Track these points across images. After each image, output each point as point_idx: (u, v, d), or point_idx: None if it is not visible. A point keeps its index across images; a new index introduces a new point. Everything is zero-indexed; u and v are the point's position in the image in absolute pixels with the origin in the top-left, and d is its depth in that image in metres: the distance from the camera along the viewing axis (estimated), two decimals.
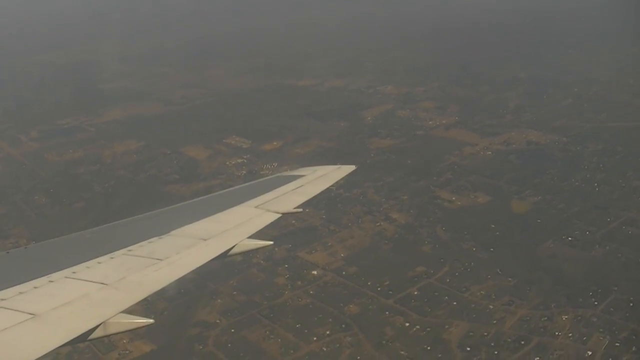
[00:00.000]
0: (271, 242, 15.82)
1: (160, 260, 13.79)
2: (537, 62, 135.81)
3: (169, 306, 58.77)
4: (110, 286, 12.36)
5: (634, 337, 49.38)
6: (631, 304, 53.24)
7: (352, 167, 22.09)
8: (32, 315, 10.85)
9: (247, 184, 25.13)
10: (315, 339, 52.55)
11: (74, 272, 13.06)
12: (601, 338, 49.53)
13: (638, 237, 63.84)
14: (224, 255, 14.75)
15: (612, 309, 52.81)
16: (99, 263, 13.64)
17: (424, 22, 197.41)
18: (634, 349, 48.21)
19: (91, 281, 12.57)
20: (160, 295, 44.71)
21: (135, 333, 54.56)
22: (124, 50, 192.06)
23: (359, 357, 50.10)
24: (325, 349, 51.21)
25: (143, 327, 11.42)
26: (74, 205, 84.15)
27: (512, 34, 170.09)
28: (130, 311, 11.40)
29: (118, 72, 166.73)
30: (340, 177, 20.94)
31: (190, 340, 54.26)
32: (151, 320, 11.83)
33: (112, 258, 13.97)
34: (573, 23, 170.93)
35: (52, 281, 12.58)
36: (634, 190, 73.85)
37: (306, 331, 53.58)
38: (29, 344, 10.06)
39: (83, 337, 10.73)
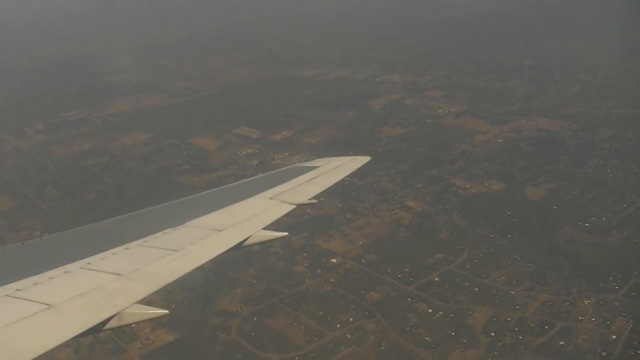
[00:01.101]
0: (286, 234, 15.90)
1: (175, 251, 13.83)
2: (541, 50, 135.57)
3: (189, 296, 58.96)
4: (125, 277, 12.44)
5: None
6: None
7: (367, 158, 22.13)
8: (47, 306, 10.91)
9: (261, 175, 25.22)
10: (338, 326, 52.67)
11: (89, 263, 13.14)
12: (624, 322, 49.66)
13: None
14: (239, 246, 14.85)
15: (633, 293, 52.99)
16: (114, 254, 13.72)
17: (422, 11, 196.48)
18: None
19: (106, 272, 12.66)
20: (180, 285, 44.92)
21: (157, 322, 54.94)
22: (125, 43, 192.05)
23: (384, 344, 50.31)
24: (349, 336, 51.37)
25: (163, 317, 11.55)
26: (85, 197, 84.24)
27: (514, 21, 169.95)
28: (147, 301, 11.49)
29: (120, 65, 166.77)
30: (355, 168, 20.95)
31: (213, 329, 54.36)
32: (166, 311, 11.91)
33: (127, 249, 14.05)
34: (575, 10, 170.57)
35: (67, 272, 12.66)
36: None
37: (329, 318, 53.73)
38: (45, 334, 10.13)
39: (98, 328, 10.84)
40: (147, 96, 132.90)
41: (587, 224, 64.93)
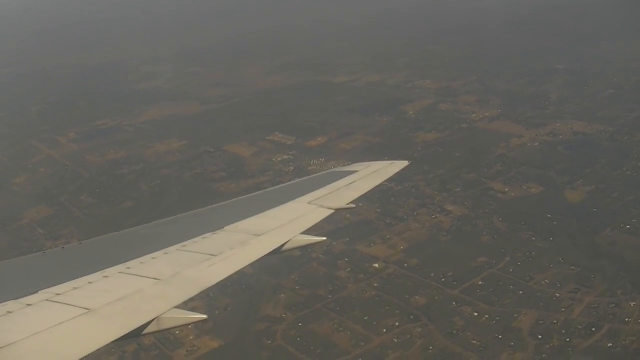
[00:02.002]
0: (324, 238, 15.68)
1: (214, 255, 13.86)
2: (572, 54, 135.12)
3: (232, 302, 59.18)
4: (164, 282, 12.51)
5: None
6: None
7: (405, 163, 21.75)
8: (86, 310, 11.02)
9: (299, 180, 25.20)
10: (385, 330, 52.81)
11: (128, 268, 13.26)
12: None
13: None
14: (278, 251, 14.83)
15: None
16: (153, 259, 13.82)
17: (451, 16, 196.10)
18: None
19: (145, 277, 12.76)
20: (222, 291, 45.25)
21: (201, 329, 55.35)
22: (153, 51, 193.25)
23: (431, 347, 50.42)
24: (396, 340, 51.53)
25: (207, 323, 11.55)
26: (122, 205, 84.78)
27: (543, 26, 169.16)
28: (187, 307, 11.54)
29: (149, 72, 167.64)
30: (393, 173, 20.64)
31: (258, 335, 54.50)
32: (204, 316, 12.10)
33: (166, 254, 14.12)
34: (605, 13, 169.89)
35: (106, 277, 12.80)
36: None
37: (375, 323, 53.86)
38: (84, 339, 10.25)
39: (137, 332, 10.93)
40: (179, 104, 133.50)
41: (628, 226, 64.84)
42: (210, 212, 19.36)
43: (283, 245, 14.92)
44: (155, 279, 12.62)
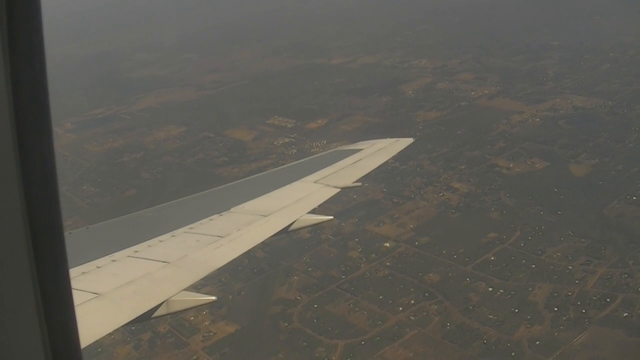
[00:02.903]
0: (331, 217, 16.04)
1: (222, 237, 13.93)
2: (566, 29, 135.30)
3: (245, 286, 59.39)
4: (172, 264, 12.55)
5: None
6: None
7: (410, 140, 21.95)
8: (96, 295, 11.03)
9: (305, 159, 25.30)
10: (401, 309, 53.20)
11: (136, 251, 13.30)
12: None
13: None
14: (285, 230, 14.96)
15: None
16: (161, 242, 13.85)
17: None
18: None
19: (153, 260, 12.82)
20: (234, 275, 45.39)
21: (216, 315, 55.59)
22: (145, 38, 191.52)
23: (448, 324, 50.86)
24: (413, 318, 51.93)
25: (216, 308, 11.64)
26: (125, 193, 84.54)
27: (536, 2, 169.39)
28: (199, 292, 11.68)
29: (142, 60, 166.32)
30: (399, 150, 20.76)
31: (273, 318, 54.72)
32: (213, 298, 12.41)
33: (173, 236, 14.15)
34: None
35: (114, 260, 12.81)
36: None
37: (390, 302, 54.25)
38: (94, 323, 10.25)
39: (147, 316, 11.05)
40: (174, 91, 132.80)
41: (634, 198, 65.44)
42: (216, 194, 19.65)
43: (290, 225, 15.06)
44: (163, 261, 12.70)
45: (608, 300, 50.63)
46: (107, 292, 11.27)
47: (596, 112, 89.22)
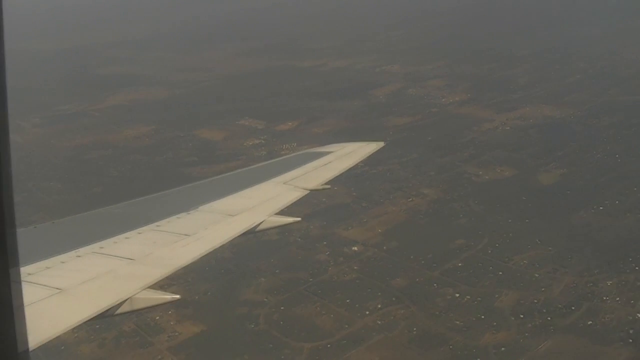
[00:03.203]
0: (299, 219, 16.22)
1: (188, 235, 14.09)
2: (537, 39, 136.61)
3: (212, 287, 58.89)
4: (137, 261, 12.75)
5: None
6: None
7: (380, 144, 22.76)
8: (58, 290, 11.11)
9: (274, 160, 25.48)
10: (367, 313, 52.87)
11: (101, 247, 13.39)
12: None
13: None
14: (252, 231, 15.20)
15: None
16: (127, 238, 14.02)
17: (416, 1, 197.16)
18: None
19: (118, 256, 12.94)
20: (200, 275, 45.30)
21: (182, 314, 55.21)
22: (116, 35, 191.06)
23: (415, 329, 50.67)
24: (380, 322, 51.70)
25: (182, 308, 11.73)
26: (93, 190, 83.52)
27: (508, 11, 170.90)
28: (164, 290, 11.66)
29: (111, 57, 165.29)
30: (369, 153, 21.16)
31: (240, 319, 54.15)
32: (177, 296, 12.59)
33: (139, 233, 14.30)
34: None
35: (79, 256, 12.91)
36: None
37: (357, 305, 53.96)
38: (56, 318, 10.35)
39: (110, 312, 11.10)
40: (144, 89, 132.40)
41: (601, 208, 65.79)
42: (184, 192, 19.95)
43: (257, 226, 15.18)
44: (128, 258, 12.90)
45: (573, 308, 50.84)
46: (70, 287, 11.33)
47: (566, 122, 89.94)
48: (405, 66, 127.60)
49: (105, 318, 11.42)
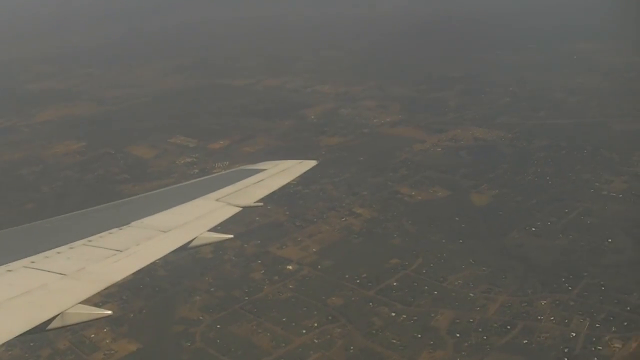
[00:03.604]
0: (231, 236, 15.95)
1: (120, 251, 13.96)
2: (467, 63, 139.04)
3: (147, 304, 58.67)
4: (69, 276, 12.46)
5: (611, 318, 51.64)
6: (603, 288, 55.63)
7: (313, 162, 22.35)
8: None
9: (207, 176, 25.37)
10: (304, 331, 53.01)
11: (32, 262, 13.15)
12: (581, 320, 51.63)
13: (597, 226, 66.42)
14: (185, 247, 14.99)
15: (586, 293, 55.07)
16: (58, 253, 13.76)
17: (347, 23, 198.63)
18: (613, 329, 50.33)
19: (50, 271, 12.68)
20: (135, 293, 44.85)
21: (117, 332, 54.77)
22: (44, 50, 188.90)
23: (352, 347, 50.91)
24: (316, 341, 51.82)
25: (117, 326, 11.62)
26: (24, 206, 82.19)
27: (438, 34, 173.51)
28: (96, 306, 11.57)
29: (40, 72, 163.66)
30: (302, 172, 21.13)
31: (176, 337, 53.91)
32: (109, 312, 12.27)
33: (71, 248, 14.08)
34: (493, 24, 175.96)
35: (10, 270, 12.66)
36: (584, 182, 76.53)
37: (293, 324, 54.03)
38: None
39: (41, 327, 10.83)
40: (74, 104, 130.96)
41: (533, 229, 67.06)
42: (116, 207, 19.57)
43: (190, 242, 15.12)
44: (60, 273, 12.57)
45: (509, 327, 51.59)
46: (1, 302, 11.11)
47: (496, 144, 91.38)
48: (336, 86, 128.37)
49: (37, 334, 11.08)
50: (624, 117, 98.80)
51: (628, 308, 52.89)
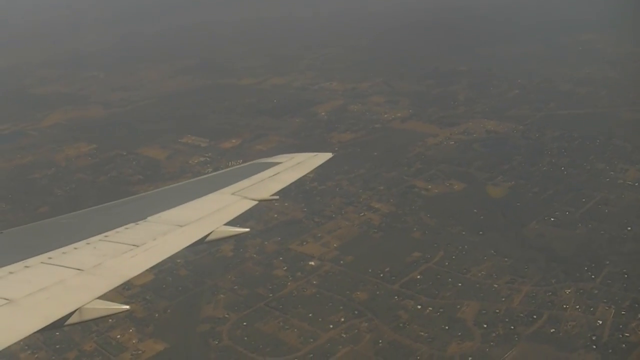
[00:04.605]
0: (248, 230, 15.87)
1: (137, 246, 13.98)
2: (473, 56, 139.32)
3: (171, 304, 58.78)
4: (86, 272, 12.49)
5: (636, 305, 52.19)
6: (626, 276, 56.24)
7: (328, 155, 22.47)
8: (7, 301, 10.95)
9: (223, 170, 25.38)
10: (331, 326, 53.31)
11: (50, 258, 13.20)
12: (607, 308, 52.16)
13: (615, 215, 66.94)
14: (201, 241, 15.00)
15: (609, 281, 55.61)
16: (76, 249, 13.79)
17: (348, 20, 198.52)
18: (639, 316, 50.72)
19: (67, 267, 12.71)
20: (158, 293, 45.01)
21: (143, 333, 54.95)
22: (47, 54, 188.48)
23: (380, 341, 51.20)
24: (344, 335, 52.11)
25: (143, 326, 11.56)
26: (38, 210, 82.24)
27: (441, 29, 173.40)
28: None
29: (45, 76, 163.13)
30: (317, 165, 21.14)
31: (203, 336, 54.10)
32: (127, 307, 12.08)
33: (88, 244, 14.11)
34: (500, 17, 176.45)
35: (27, 267, 12.72)
36: (600, 172, 77.00)
37: (320, 319, 54.33)
38: (4, 329, 10.17)
39: (59, 323, 10.88)
40: (81, 108, 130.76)
41: (552, 219, 67.41)
42: (133, 202, 19.49)
43: (206, 236, 15.12)
44: (77, 269, 12.62)
45: (535, 317, 51.91)
46: (19, 298, 11.16)
47: (509, 136, 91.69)
48: (343, 83, 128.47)
49: (56, 329, 11.19)
50: (633, 106, 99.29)
51: None
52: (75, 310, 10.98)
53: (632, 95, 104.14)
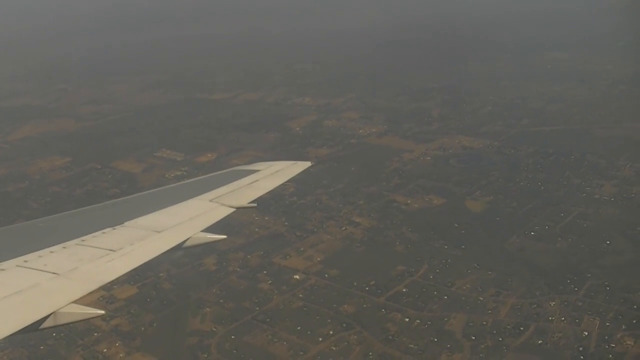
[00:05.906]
0: (224, 236, 15.94)
1: (114, 251, 14.00)
2: (444, 73, 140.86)
3: (157, 317, 58.50)
4: (62, 276, 12.50)
5: (620, 316, 53.33)
6: (608, 288, 57.32)
7: (307, 163, 22.77)
8: None
9: (201, 177, 25.52)
10: (320, 339, 53.45)
11: (25, 261, 13.19)
12: (592, 319, 53.14)
13: (594, 229, 68.25)
14: (178, 247, 15.05)
15: (592, 294, 56.67)
16: (52, 252, 13.79)
17: (320, 37, 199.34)
18: (623, 327, 51.94)
19: (43, 270, 12.73)
20: (143, 307, 45.09)
21: (130, 346, 54.64)
22: (15, 67, 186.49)
23: (370, 353, 51.53)
24: (334, 348, 52.33)
25: (129, 339, 11.83)
26: (13, 223, 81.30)
27: (414, 47, 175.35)
28: (105, 321, 11.99)
29: (13, 89, 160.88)
30: (296, 173, 21.32)
31: (191, 349, 53.89)
32: (102, 312, 12.16)
33: (64, 248, 14.14)
34: (472, 35, 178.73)
35: (2, 270, 12.73)
36: (576, 187, 78.46)
37: (309, 332, 54.49)
38: None
39: (34, 327, 10.87)
40: (52, 121, 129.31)
41: (532, 233, 68.54)
42: (110, 207, 19.81)
43: (184, 242, 15.24)
44: (53, 273, 12.65)
45: (522, 328, 52.68)
46: None
47: (484, 152, 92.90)
48: (316, 99, 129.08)
49: (30, 333, 11.19)
50: (604, 123, 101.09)
51: (635, 306, 54.74)
52: (50, 314, 11.05)
53: (603, 113, 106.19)
